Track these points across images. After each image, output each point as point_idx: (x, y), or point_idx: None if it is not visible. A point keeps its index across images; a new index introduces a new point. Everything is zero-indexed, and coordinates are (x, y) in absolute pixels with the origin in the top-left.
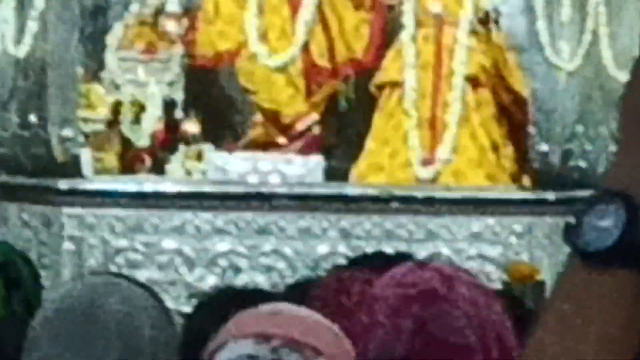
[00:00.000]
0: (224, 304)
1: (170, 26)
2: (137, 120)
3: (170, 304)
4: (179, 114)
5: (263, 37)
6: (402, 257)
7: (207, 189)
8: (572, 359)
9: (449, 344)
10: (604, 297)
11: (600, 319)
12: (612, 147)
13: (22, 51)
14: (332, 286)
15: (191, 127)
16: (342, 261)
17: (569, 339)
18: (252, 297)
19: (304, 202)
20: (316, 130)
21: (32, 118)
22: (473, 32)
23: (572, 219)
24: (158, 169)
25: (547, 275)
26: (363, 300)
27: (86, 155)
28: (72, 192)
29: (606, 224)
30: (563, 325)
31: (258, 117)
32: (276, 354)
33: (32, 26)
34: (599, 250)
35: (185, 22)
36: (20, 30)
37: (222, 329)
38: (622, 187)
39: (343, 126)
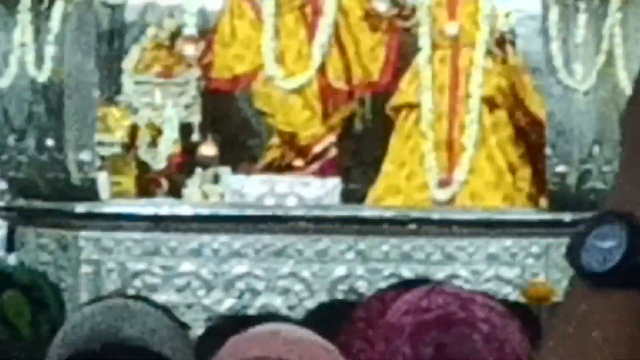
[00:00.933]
0: (234, 329)
1: (188, 49)
2: (153, 143)
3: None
4: (195, 137)
5: (279, 60)
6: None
7: (224, 211)
8: None
9: None
10: (607, 318)
11: (603, 340)
12: None
13: (43, 76)
14: (376, 307)
15: (208, 150)
16: (360, 284)
17: None
18: (264, 321)
19: (321, 224)
20: (333, 152)
21: (49, 142)
22: (489, 54)
23: (574, 240)
24: (175, 192)
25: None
26: (379, 328)
27: (103, 179)
28: (90, 216)
29: (609, 244)
30: (566, 347)
31: (275, 140)
32: None
33: (51, 50)
34: (601, 271)
35: (201, 45)
36: (39, 54)
37: (219, 352)
38: (625, 207)
39: (360, 148)
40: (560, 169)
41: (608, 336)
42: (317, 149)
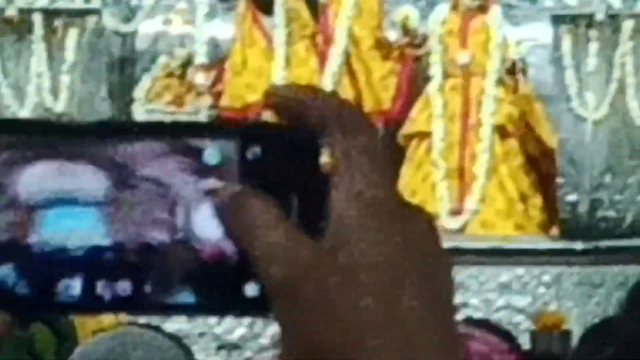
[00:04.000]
0: None
1: (199, 78)
2: None
3: (199, 355)
4: None
5: None
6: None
7: None
8: None
9: None
10: None
11: None
12: None
13: (59, 105)
14: None
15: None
16: None
17: None
18: None
19: None
20: None
21: None
22: (500, 83)
23: None
24: None
25: (576, 325)
26: None
27: None
28: None
29: None
30: None
31: None
32: None
33: (66, 80)
34: None
35: (213, 73)
36: (54, 83)
37: None
38: None
39: None
40: (572, 197)
41: None
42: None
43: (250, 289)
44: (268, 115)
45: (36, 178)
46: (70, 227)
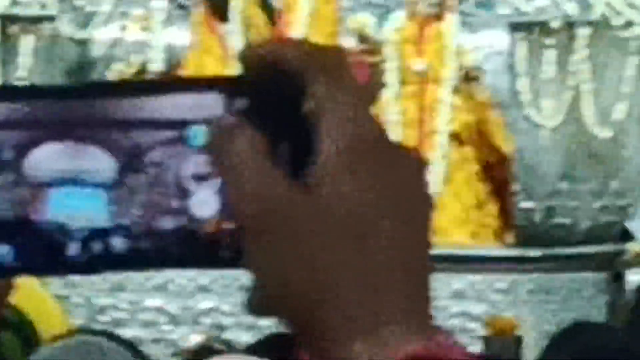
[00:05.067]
0: None
1: None
2: None
3: None
4: None
5: None
6: None
7: None
8: None
9: None
10: None
11: None
12: (596, 204)
13: None
14: None
15: None
16: None
17: None
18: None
19: None
20: None
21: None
22: (456, 90)
23: None
24: None
25: (531, 332)
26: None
27: None
28: None
29: None
30: None
31: None
32: None
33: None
34: None
35: None
36: None
37: None
38: None
39: None
40: (527, 204)
41: None
42: None
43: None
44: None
45: (45, 158)
46: (75, 207)
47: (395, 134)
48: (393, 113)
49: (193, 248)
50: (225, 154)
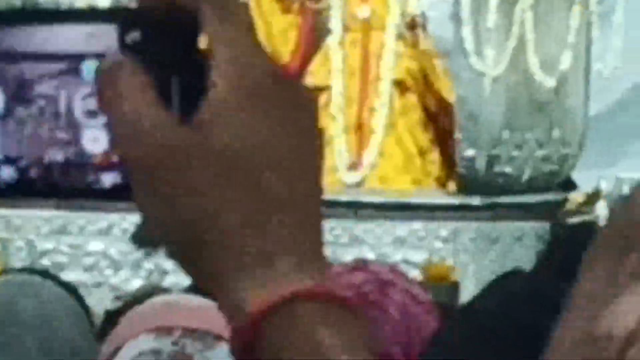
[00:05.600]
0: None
1: None
2: None
3: (95, 306)
4: None
5: None
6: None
7: None
8: None
9: None
10: None
11: None
12: (538, 153)
13: None
14: None
15: None
16: None
17: None
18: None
19: None
20: None
21: None
22: (400, 37)
23: None
24: None
25: (472, 279)
26: None
27: None
28: None
29: None
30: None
31: None
32: (178, 345)
33: None
34: None
35: None
36: None
37: (115, 329)
38: None
39: None
40: (469, 153)
41: None
42: None
43: (109, 179)
44: None
45: None
46: None
47: (339, 81)
48: (337, 60)
49: (81, 179)
50: (112, 93)
